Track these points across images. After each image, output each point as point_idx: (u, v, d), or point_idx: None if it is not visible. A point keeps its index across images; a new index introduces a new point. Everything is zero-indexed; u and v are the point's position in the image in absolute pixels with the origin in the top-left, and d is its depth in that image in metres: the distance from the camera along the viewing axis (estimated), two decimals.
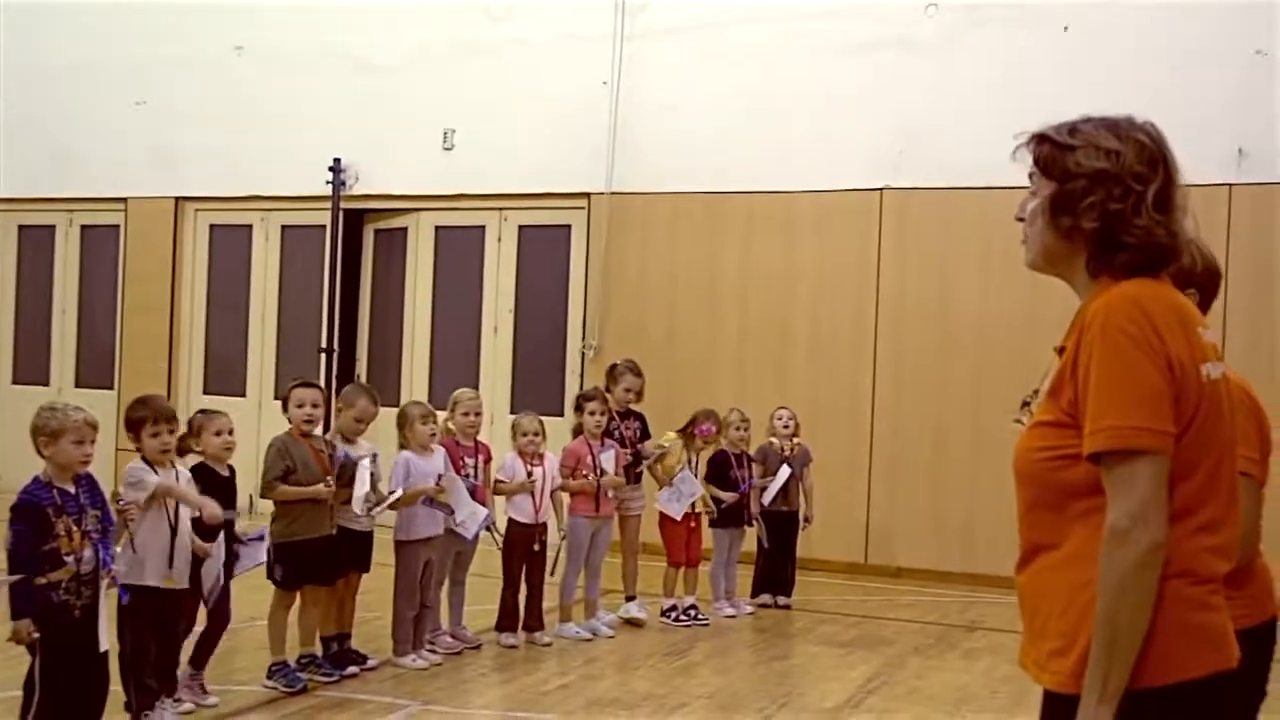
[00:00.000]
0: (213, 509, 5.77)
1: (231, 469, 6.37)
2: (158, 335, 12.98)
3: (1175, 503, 2.31)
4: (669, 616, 8.54)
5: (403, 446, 7.36)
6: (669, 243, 11.26)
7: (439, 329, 12.26)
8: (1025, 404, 3.49)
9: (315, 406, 6.79)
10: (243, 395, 12.66)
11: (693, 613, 8.55)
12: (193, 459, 6.20)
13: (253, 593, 6.87)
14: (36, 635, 4.98)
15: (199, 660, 6.27)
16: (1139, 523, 2.27)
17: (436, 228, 12.31)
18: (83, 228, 13.71)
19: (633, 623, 8.42)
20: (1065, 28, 10.21)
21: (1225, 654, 2.36)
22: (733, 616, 8.79)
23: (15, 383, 13.80)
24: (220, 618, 6.29)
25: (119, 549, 5.37)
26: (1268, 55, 9.62)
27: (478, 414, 7.77)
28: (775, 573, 9.21)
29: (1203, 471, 2.37)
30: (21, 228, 14.00)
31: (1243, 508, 2.57)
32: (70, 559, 5.06)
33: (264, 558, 6.46)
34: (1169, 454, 2.31)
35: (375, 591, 7.49)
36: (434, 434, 7.39)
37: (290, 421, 6.77)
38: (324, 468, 6.72)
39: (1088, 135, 2.47)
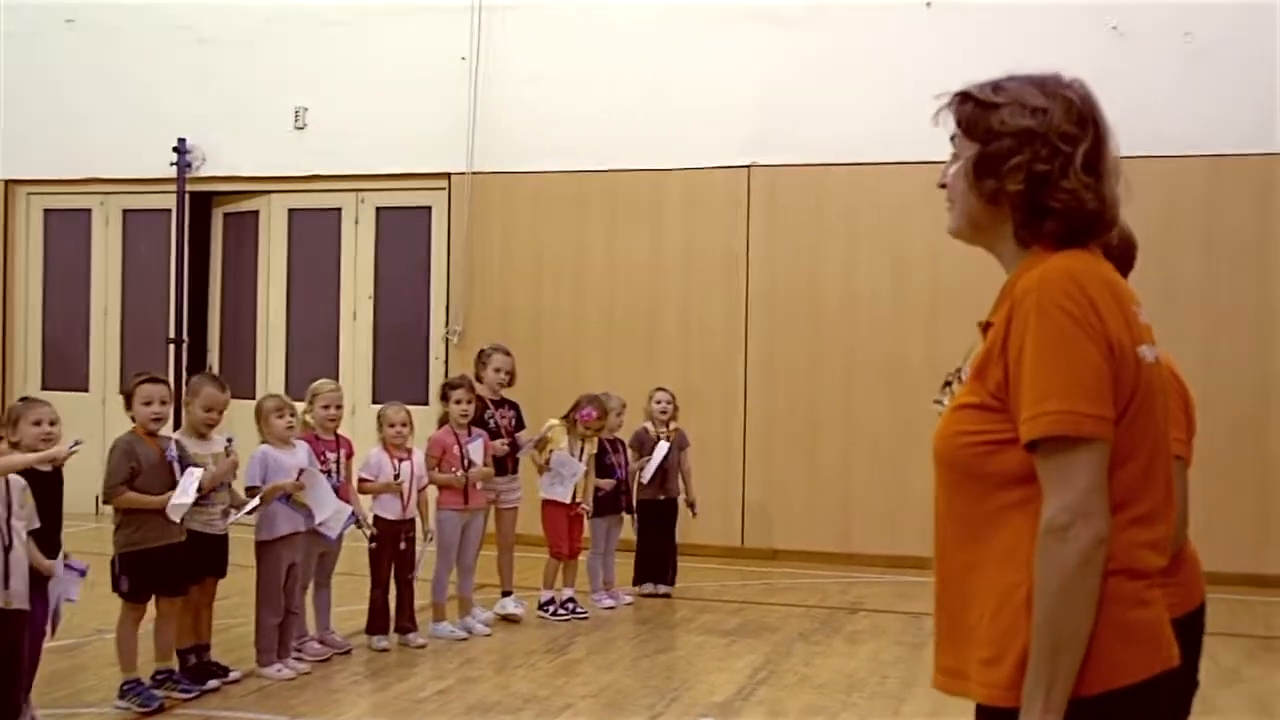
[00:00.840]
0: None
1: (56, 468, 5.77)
2: None
3: (1112, 494, 2.11)
4: (547, 610, 8.25)
5: (262, 442, 6.95)
6: (534, 224, 10.94)
7: (295, 316, 11.76)
8: (947, 384, 3.26)
9: (163, 404, 6.31)
10: (85, 390, 11.99)
11: (571, 605, 8.27)
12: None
13: (100, 602, 6.39)
14: None
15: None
16: (1080, 517, 2.06)
17: (290, 210, 11.79)
18: None
19: (510, 619, 8.11)
20: (928, 3, 10.16)
21: (1165, 653, 2.18)
22: (612, 608, 8.55)
23: None
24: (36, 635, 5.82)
25: None
26: (1125, 34, 9.68)
27: (338, 407, 7.39)
28: (655, 560, 8.99)
29: (1139, 460, 2.18)
30: None
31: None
32: None
33: (74, 594, 5.83)
34: (1109, 441, 2.11)
35: (236, 596, 7.06)
36: (291, 428, 6.98)
37: (135, 420, 6.29)
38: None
39: (1013, 92, 2.27)
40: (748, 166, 10.47)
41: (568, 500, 8.22)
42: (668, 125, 10.62)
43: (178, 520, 6.13)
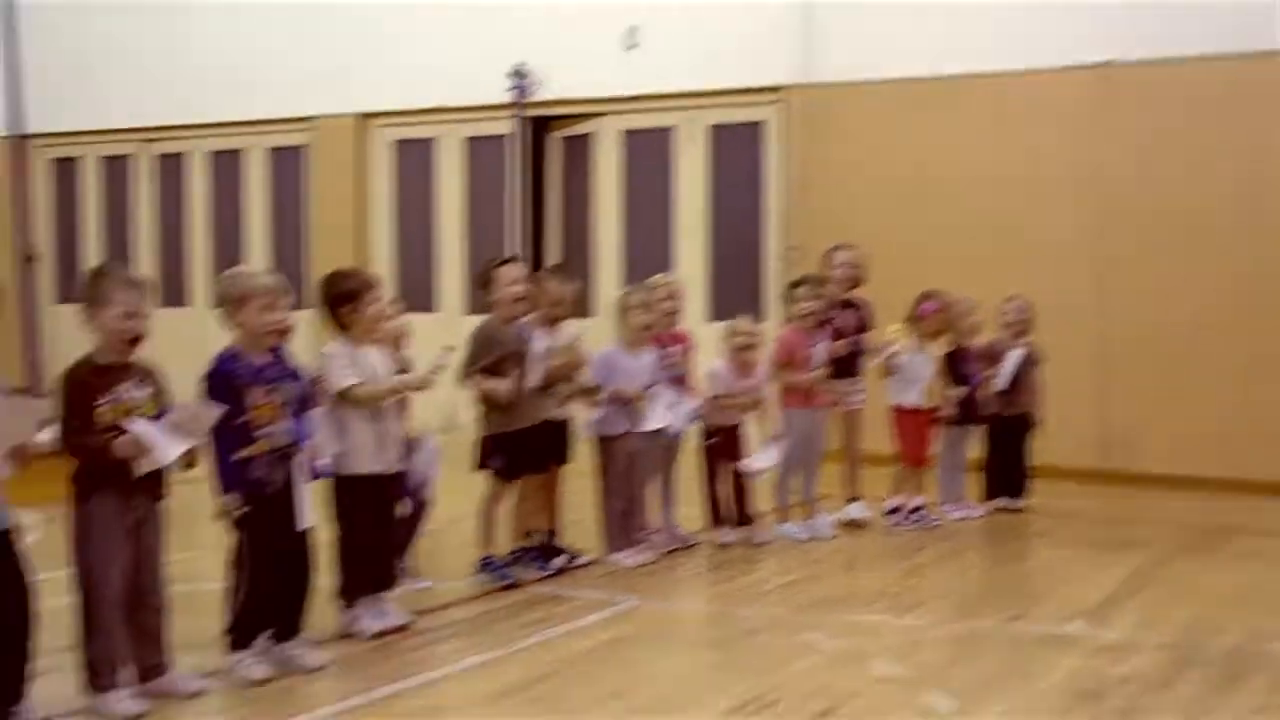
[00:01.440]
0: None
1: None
2: (345, 257, 12.70)
3: None
4: (893, 518, 7.90)
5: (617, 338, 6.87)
6: (871, 134, 10.50)
7: (630, 237, 11.76)
8: None
9: (525, 285, 6.24)
10: (434, 311, 12.39)
11: (920, 514, 7.89)
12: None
13: (450, 494, 6.45)
14: (244, 510, 4.68)
15: (400, 547, 5.90)
16: None
17: (623, 132, 11.78)
18: (270, 150, 13.59)
19: (855, 524, 7.81)
20: None
21: None
22: (963, 519, 8.11)
23: (214, 306, 13.78)
24: (421, 504, 5.96)
25: None
26: None
27: (675, 299, 7.18)
28: (1007, 476, 8.49)
29: None
30: (213, 154, 13.94)
31: None
32: (266, 431, 4.73)
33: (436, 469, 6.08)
34: None
35: (579, 493, 7.04)
36: (649, 325, 6.84)
37: (498, 305, 6.23)
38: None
39: None
40: (1100, 65, 9.71)
41: (919, 403, 7.82)
42: (1012, 23, 9.98)
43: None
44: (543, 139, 12.28)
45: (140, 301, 4.45)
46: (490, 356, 6.09)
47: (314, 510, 4.92)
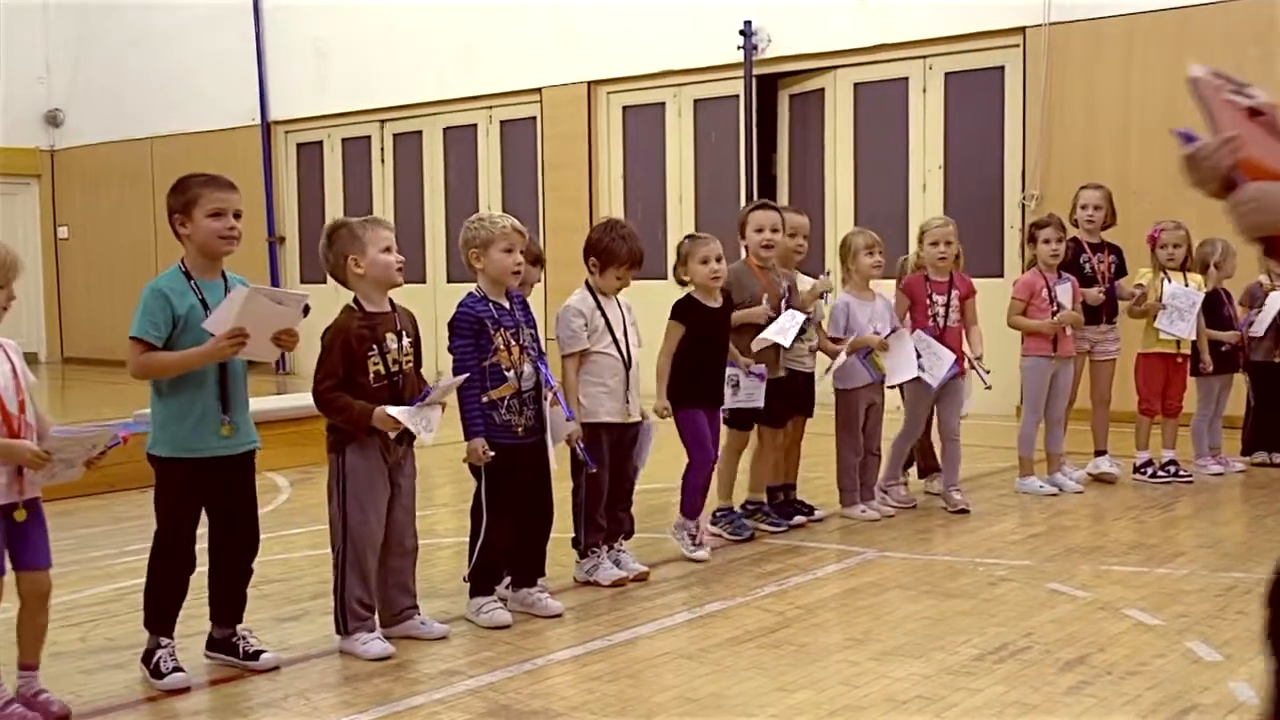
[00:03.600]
0: None
1: (727, 297, 5.83)
2: (579, 224, 12.86)
3: None
4: (1144, 473, 7.50)
5: (844, 284, 6.72)
6: (1121, 73, 9.98)
7: (863, 192, 11.50)
8: None
9: (774, 231, 6.07)
10: (664, 278, 12.38)
11: (1172, 468, 7.47)
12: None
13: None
14: (491, 455, 4.71)
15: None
16: None
17: (855, 85, 11.51)
18: (501, 123, 13.83)
19: (1103, 479, 7.45)
20: None
21: None
22: (1220, 474, 7.64)
23: (449, 281, 14.16)
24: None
25: None
26: None
27: (949, 243, 6.76)
28: (1270, 429, 7.96)
29: None
30: (445, 129, 14.29)
31: None
32: (511, 375, 4.76)
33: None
34: None
35: (814, 455, 6.89)
36: (878, 266, 6.64)
37: (747, 249, 6.14)
38: (775, 302, 6.09)
39: None
40: None
41: (1189, 335, 7.36)
42: None
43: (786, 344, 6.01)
44: (772, 97, 12.12)
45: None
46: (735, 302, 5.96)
47: (556, 457, 4.94)
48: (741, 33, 11.62)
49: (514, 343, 4.78)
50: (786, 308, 6.09)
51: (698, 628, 4.76)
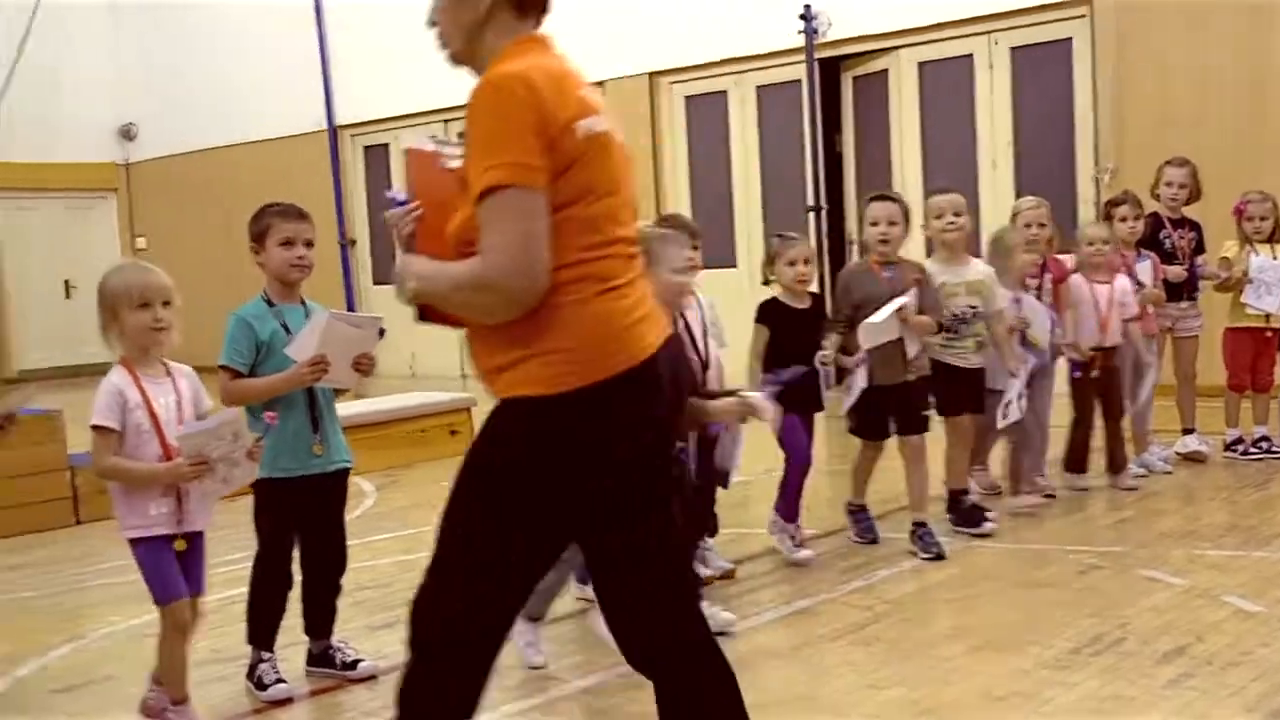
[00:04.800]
0: None
1: (816, 299, 5.66)
2: (644, 217, 12.86)
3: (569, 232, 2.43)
4: (1235, 450, 7.37)
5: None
6: (1197, 39, 9.78)
7: (931, 172, 11.37)
8: None
9: (892, 224, 5.62)
10: (733, 267, 12.38)
11: (1265, 444, 7.33)
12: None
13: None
14: None
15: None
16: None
17: (919, 64, 11.40)
18: None
19: (1193, 458, 7.33)
20: None
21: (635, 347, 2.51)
22: None
23: None
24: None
25: None
26: None
27: (1041, 225, 6.56)
28: None
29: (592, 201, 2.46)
30: None
31: None
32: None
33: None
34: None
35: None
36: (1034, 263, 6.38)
37: (868, 247, 5.79)
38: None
39: None
40: None
41: (1277, 310, 7.19)
42: None
43: (870, 344, 5.54)
44: (835, 80, 12.04)
45: None
46: (849, 306, 5.65)
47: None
48: (802, 17, 11.54)
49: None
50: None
51: (786, 626, 4.77)
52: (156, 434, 3.77)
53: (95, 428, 3.73)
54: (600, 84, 13.07)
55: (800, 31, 11.58)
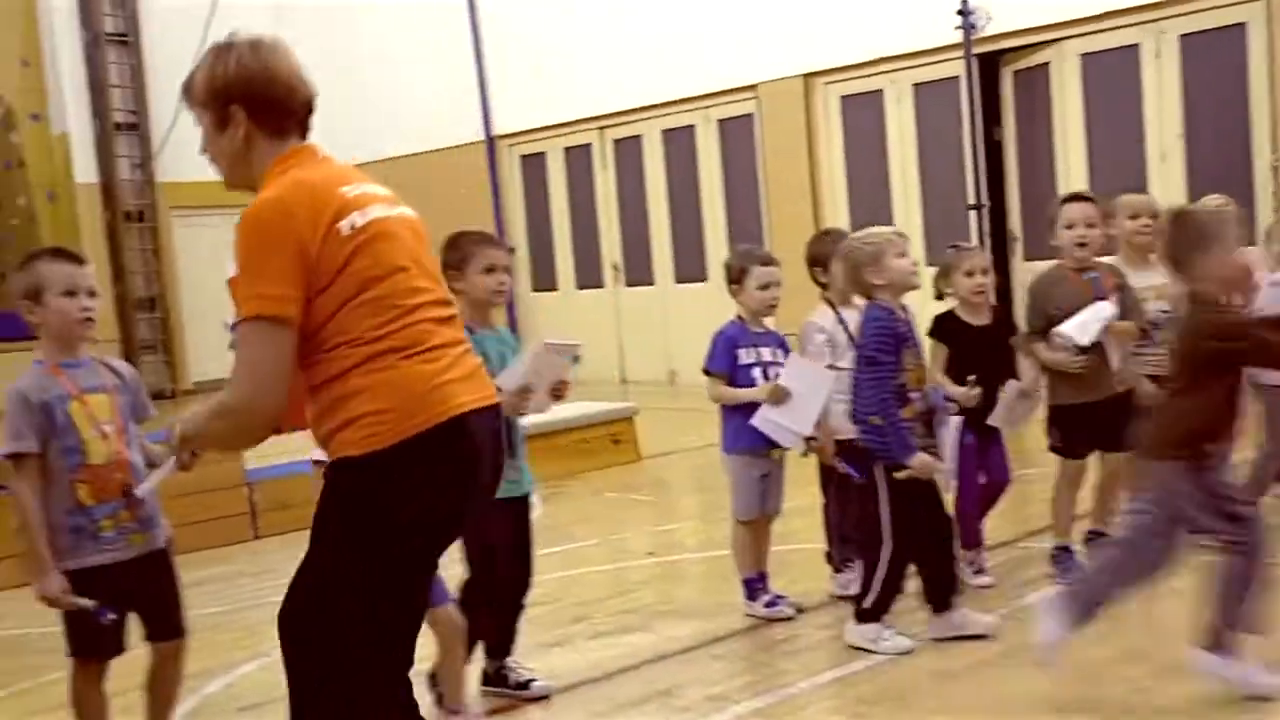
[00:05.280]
0: None
1: (998, 313, 5.46)
2: (802, 219, 12.78)
3: (362, 323, 2.69)
4: None
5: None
6: None
7: (1096, 168, 11.07)
8: None
9: (1090, 226, 5.30)
10: None
11: None
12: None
13: None
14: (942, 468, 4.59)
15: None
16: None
17: (1082, 56, 11.10)
18: (719, 121, 13.85)
19: None
20: None
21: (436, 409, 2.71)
22: None
23: (678, 281, 14.26)
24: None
25: None
26: None
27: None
28: None
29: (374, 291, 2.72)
30: (664, 132, 14.38)
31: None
32: (915, 396, 4.62)
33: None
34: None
35: None
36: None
37: (1061, 248, 5.41)
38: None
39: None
40: None
41: None
42: None
43: (1085, 340, 5.14)
44: (994, 75, 11.79)
45: None
46: (1045, 317, 5.29)
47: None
48: (960, 12, 11.32)
49: (918, 363, 4.66)
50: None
51: (961, 643, 4.67)
52: None
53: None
54: (754, 87, 13.05)
55: (958, 27, 11.36)
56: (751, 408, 5.01)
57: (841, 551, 5.36)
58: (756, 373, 5.11)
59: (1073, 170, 11.16)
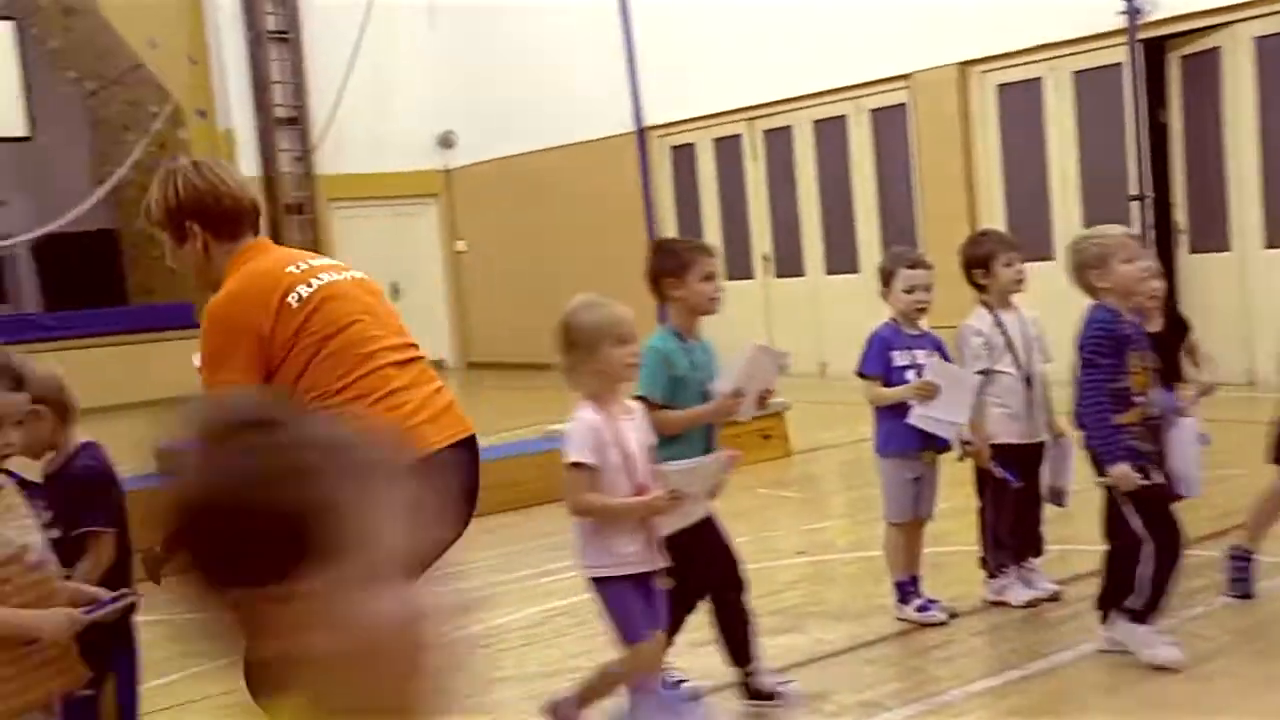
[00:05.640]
0: None
1: (1173, 317, 5.32)
2: (957, 212, 12.55)
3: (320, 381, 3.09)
4: None
5: None
6: None
7: (1270, 157, 10.65)
8: None
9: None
10: (1051, 259, 11.90)
11: None
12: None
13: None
14: (1142, 480, 4.35)
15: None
16: None
17: (1256, 39, 10.66)
18: (871, 111, 13.67)
19: None
20: None
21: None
22: None
23: (828, 273, 14.13)
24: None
25: None
26: None
27: None
28: None
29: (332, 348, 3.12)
30: (814, 122, 14.26)
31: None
32: (1140, 400, 4.45)
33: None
34: None
35: None
36: None
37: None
38: None
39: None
40: None
41: None
42: None
43: None
44: (1159, 62, 11.41)
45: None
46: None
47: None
48: None
49: (1143, 365, 4.50)
50: None
51: (1117, 656, 4.53)
52: (626, 470, 3.72)
53: (575, 464, 3.69)
54: (907, 76, 12.85)
55: (1121, 12, 11.02)
56: (905, 409, 4.94)
57: (996, 557, 5.26)
58: (910, 375, 5.03)
59: (1244, 161, 10.77)
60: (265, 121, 17.58)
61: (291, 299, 3.13)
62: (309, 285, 3.16)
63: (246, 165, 17.49)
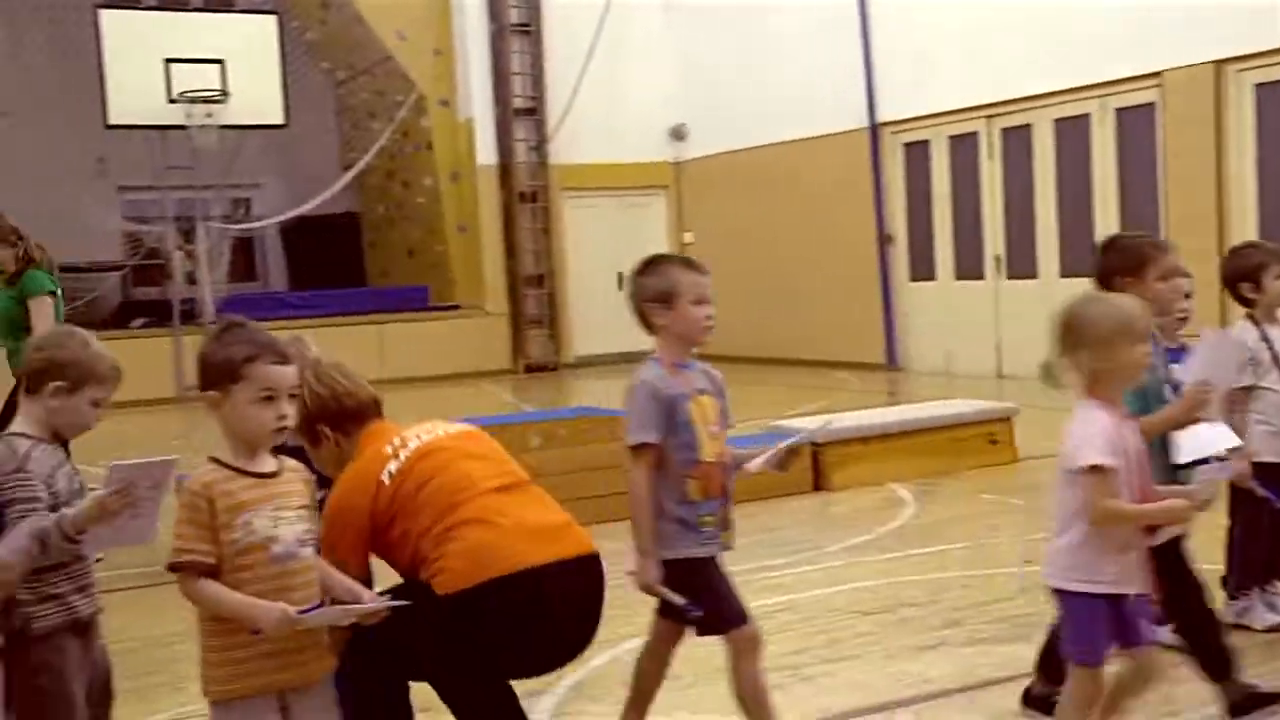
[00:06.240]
0: None
1: None
2: (1205, 216, 12.02)
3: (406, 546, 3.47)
4: None
5: None
6: None
7: None
8: None
9: None
10: None
11: None
12: None
13: None
14: None
15: None
16: None
17: None
18: (1116, 110, 13.21)
19: None
20: None
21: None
22: None
23: (1063, 275, 13.73)
24: None
25: None
26: None
27: None
28: None
29: (425, 519, 3.45)
30: (1056, 121, 13.86)
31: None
32: None
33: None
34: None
35: None
36: None
37: None
38: None
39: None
40: None
41: None
42: None
43: None
44: None
45: None
46: None
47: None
48: None
49: None
50: None
51: None
52: (1130, 476, 3.45)
53: (1094, 468, 3.37)
54: (1157, 75, 12.36)
55: None
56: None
57: (1240, 579, 5.03)
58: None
59: None
60: (504, 111, 18.08)
61: (388, 472, 3.46)
62: (398, 459, 3.49)
63: (484, 153, 18.06)
